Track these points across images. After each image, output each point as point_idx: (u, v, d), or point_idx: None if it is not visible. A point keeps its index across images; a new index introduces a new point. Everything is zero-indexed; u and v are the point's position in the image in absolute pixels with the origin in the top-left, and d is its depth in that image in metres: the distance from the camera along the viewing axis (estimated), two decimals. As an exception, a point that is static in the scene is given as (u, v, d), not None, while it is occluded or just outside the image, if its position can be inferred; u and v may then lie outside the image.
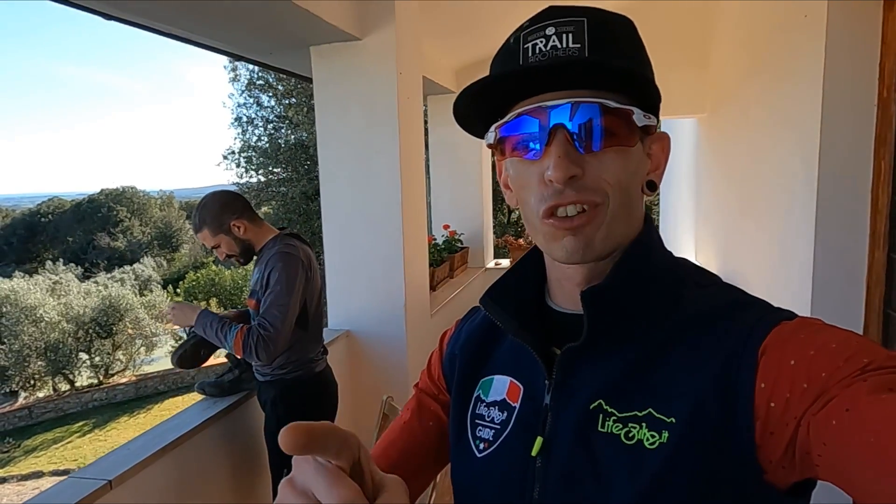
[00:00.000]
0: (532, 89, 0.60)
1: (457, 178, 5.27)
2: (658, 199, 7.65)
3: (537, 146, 0.59)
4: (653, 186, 0.65)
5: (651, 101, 0.61)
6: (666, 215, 6.50)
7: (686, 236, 5.18)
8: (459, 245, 5.04)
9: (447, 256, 4.65)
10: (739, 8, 3.50)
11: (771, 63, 2.89)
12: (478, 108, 0.64)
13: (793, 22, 2.50)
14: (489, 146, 0.66)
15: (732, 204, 3.75)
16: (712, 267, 4.19)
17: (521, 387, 0.67)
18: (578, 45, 0.57)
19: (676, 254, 0.68)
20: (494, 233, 6.20)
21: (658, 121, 0.63)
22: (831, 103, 2.20)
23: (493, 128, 0.64)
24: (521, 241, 5.61)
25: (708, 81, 4.30)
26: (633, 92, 0.60)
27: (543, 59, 0.58)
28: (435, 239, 4.88)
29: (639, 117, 0.59)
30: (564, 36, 0.58)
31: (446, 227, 5.06)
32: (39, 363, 17.00)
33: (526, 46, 0.60)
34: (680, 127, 5.69)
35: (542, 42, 0.59)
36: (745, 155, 3.44)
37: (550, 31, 0.59)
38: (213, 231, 2.10)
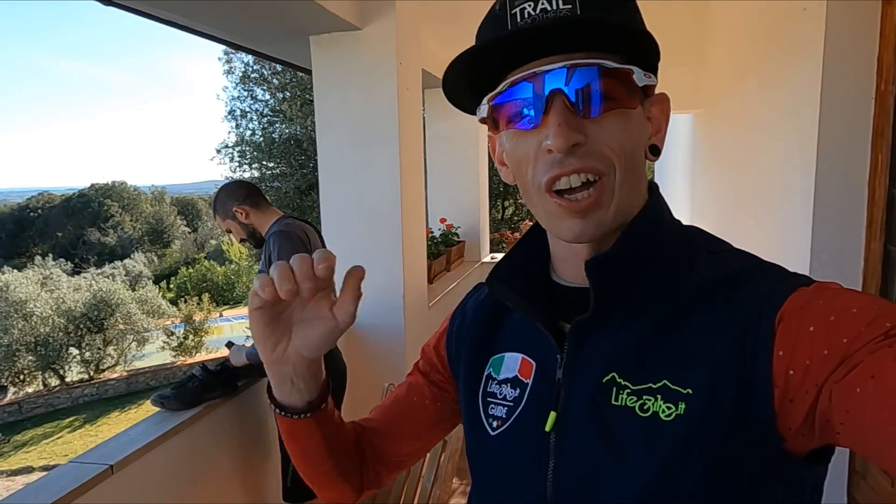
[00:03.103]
0: (524, 56, 0.56)
1: (454, 172, 5.27)
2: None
3: (533, 114, 0.56)
4: (656, 151, 0.62)
5: (649, 59, 0.58)
6: (660, 211, 6.53)
7: (681, 231, 5.20)
8: (456, 239, 5.04)
9: (444, 250, 4.65)
10: (737, 1, 3.52)
11: (770, 56, 2.91)
12: (468, 81, 0.61)
13: (792, 15, 2.52)
14: (482, 121, 0.63)
15: (729, 197, 3.77)
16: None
17: (533, 363, 0.66)
18: (570, 6, 0.54)
19: None
20: (490, 228, 6.20)
21: (656, 80, 0.60)
22: (830, 96, 2.21)
23: (485, 100, 0.61)
24: (516, 235, 5.63)
25: (704, 77, 4.32)
26: (631, 51, 0.57)
27: (532, 23, 0.55)
28: (432, 232, 4.88)
29: (639, 77, 0.56)
30: None
31: (443, 220, 5.06)
32: (29, 358, 16.87)
33: (514, 12, 0.56)
34: (675, 123, 5.72)
35: (530, 6, 0.55)
36: (742, 148, 3.46)
37: None
38: (221, 217, 2.33)
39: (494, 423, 0.67)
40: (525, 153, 0.58)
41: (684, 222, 0.69)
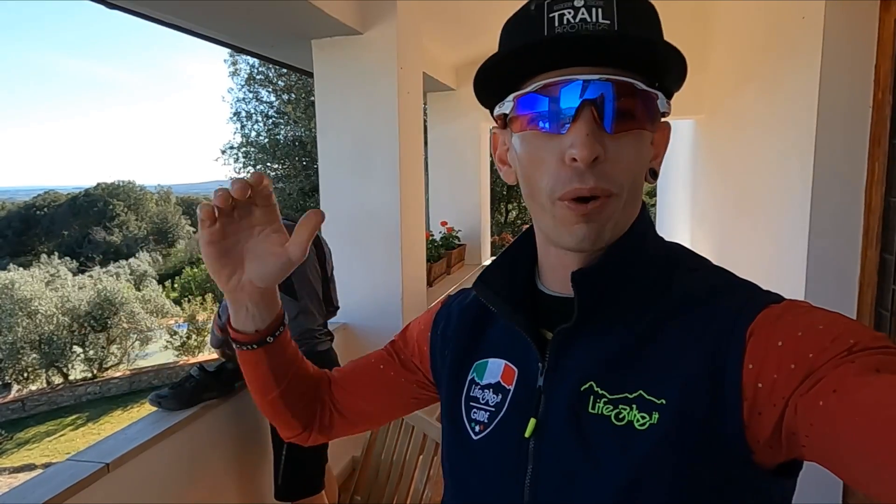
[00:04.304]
0: (556, 62, 0.57)
1: (455, 176, 5.29)
2: (655, 199, 7.68)
3: (560, 120, 0.57)
4: (654, 175, 0.65)
5: (668, 88, 0.61)
6: (662, 215, 6.53)
7: (682, 236, 5.20)
8: (457, 242, 5.06)
9: (444, 253, 4.67)
10: (737, 10, 3.53)
11: (768, 64, 2.92)
12: (496, 78, 0.61)
13: (790, 24, 2.53)
14: (497, 117, 0.64)
15: (728, 204, 3.77)
16: (707, 267, 4.21)
17: (515, 369, 0.67)
18: (608, 22, 0.55)
19: None
20: (491, 231, 6.21)
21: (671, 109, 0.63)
22: (827, 104, 2.22)
23: (511, 97, 0.60)
24: (518, 239, 5.62)
25: (706, 83, 4.32)
26: (656, 76, 0.59)
27: (572, 30, 0.55)
28: (432, 235, 4.90)
29: (662, 103, 0.59)
30: (594, 10, 0.55)
31: (444, 223, 5.08)
32: (33, 356, 16.94)
33: (551, 16, 0.57)
34: (678, 128, 5.73)
35: (569, 13, 0.56)
36: (741, 155, 3.46)
37: (579, 2, 0.56)
38: None
39: (477, 428, 0.68)
40: (543, 159, 0.58)
41: (685, 229, 0.71)
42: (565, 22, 0.56)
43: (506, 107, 0.61)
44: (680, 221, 5.39)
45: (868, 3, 2.11)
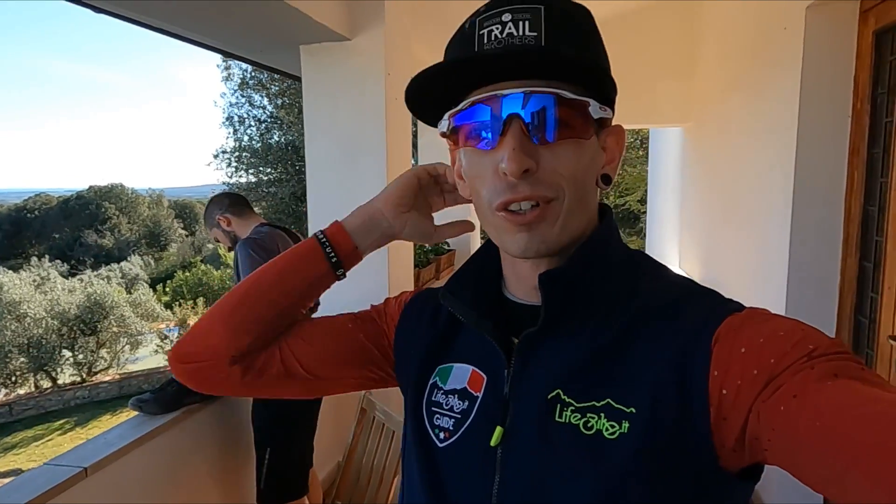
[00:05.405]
0: (487, 78, 0.59)
1: (445, 182, 5.30)
2: (645, 208, 7.72)
3: (490, 136, 0.59)
4: (607, 180, 0.65)
5: (607, 93, 0.62)
6: (652, 223, 6.57)
7: (671, 244, 5.23)
8: (446, 247, 5.07)
9: (433, 258, 4.68)
10: (723, 20, 3.57)
11: (751, 74, 2.95)
12: (431, 96, 0.63)
13: (774, 33, 2.56)
14: (442, 135, 0.66)
15: (715, 212, 3.80)
16: (695, 273, 4.25)
17: (484, 377, 0.67)
18: (535, 34, 0.57)
19: (662, 261, 0.69)
20: (481, 238, 6.22)
21: (613, 113, 0.64)
22: (807, 114, 2.25)
23: (446, 115, 0.63)
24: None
25: (693, 91, 4.36)
26: (590, 83, 0.59)
27: (499, 46, 0.57)
28: (422, 241, 4.90)
29: (594, 109, 0.59)
30: (521, 23, 0.57)
31: (434, 229, 5.09)
32: (21, 359, 16.77)
33: (481, 33, 0.59)
34: (666, 136, 5.77)
35: (497, 29, 0.58)
36: (727, 164, 3.50)
37: (507, 17, 0.57)
38: (208, 226, 2.48)
39: (441, 435, 0.67)
40: (481, 172, 0.61)
41: (674, 235, 0.71)
42: (493, 38, 0.58)
43: (443, 125, 0.65)
44: (669, 228, 5.42)
45: (847, 15, 2.14)
